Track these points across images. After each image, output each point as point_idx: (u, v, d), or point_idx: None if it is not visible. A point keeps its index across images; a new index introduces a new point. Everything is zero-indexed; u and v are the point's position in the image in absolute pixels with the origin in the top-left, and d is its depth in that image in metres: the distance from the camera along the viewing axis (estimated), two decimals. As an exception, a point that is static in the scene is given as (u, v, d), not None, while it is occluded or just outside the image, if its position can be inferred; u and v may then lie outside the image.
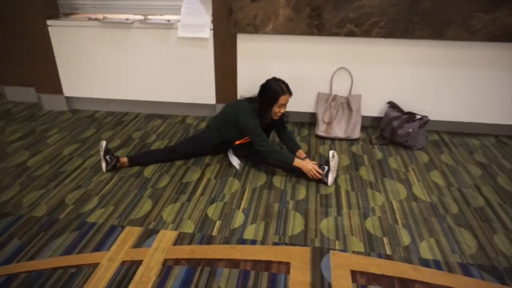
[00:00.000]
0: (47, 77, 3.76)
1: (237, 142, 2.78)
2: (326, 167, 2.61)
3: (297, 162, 2.60)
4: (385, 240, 2.10)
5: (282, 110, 2.66)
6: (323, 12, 3.04)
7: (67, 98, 3.86)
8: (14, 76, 4.02)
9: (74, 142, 3.21)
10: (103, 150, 2.73)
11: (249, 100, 2.73)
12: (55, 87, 3.80)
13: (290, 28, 3.15)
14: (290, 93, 2.64)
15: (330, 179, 2.59)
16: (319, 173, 2.58)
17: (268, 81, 2.65)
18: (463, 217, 2.29)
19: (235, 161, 2.81)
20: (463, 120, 3.35)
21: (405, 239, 2.11)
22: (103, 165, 2.74)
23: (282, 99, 2.59)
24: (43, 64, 3.71)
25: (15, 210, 2.34)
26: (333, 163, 2.60)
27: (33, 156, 2.98)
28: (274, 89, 2.58)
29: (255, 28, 3.19)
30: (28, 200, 2.44)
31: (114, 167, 2.75)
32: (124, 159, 2.79)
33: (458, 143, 3.22)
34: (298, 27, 3.13)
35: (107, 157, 2.73)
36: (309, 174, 2.59)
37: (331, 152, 2.63)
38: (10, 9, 3.53)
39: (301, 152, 2.84)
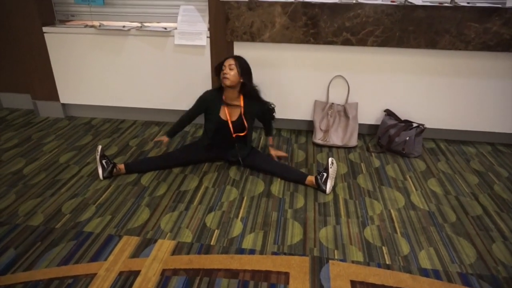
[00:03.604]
0: (43, 83, 3.74)
1: (234, 135, 2.82)
2: (325, 174, 2.61)
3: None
4: (384, 249, 2.10)
5: (226, 71, 2.69)
6: (319, 20, 3.05)
7: (63, 105, 3.84)
8: (9, 82, 4.00)
9: (71, 149, 3.19)
10: (99, 154, 2.72)
11: None
12: (51, 94, 3.78)
13: (286, 37, 3.16)
14: (232, 57, 2.77)
15: (329, 186, 2.59)
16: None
17: None
18: (461, 226, 2.29)
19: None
20: (459, 128, 3.37)
21: (404, 248, 2.11)
22: (100, 171, 2.72)
23: (226, 62, 2.74)
24: (39, 70, 3.69)
25: (10, 219, 2.32)
26: (332, 170, 2.60)
27: (29, 164, 2.96)
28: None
29: (251, 36, 3.20)
30: (24, 209, 2.41)
31: (111, 174, 2.74)
32: (121, 166, 2.78)
33: (454, 151, 3.24)
34: (294, 36, 3.14)
35: (103, 161, 2.72)
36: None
37: (330, 159, 2.63)
38: (5, 16, 3.51)
39: (270, 139, 3.07)
